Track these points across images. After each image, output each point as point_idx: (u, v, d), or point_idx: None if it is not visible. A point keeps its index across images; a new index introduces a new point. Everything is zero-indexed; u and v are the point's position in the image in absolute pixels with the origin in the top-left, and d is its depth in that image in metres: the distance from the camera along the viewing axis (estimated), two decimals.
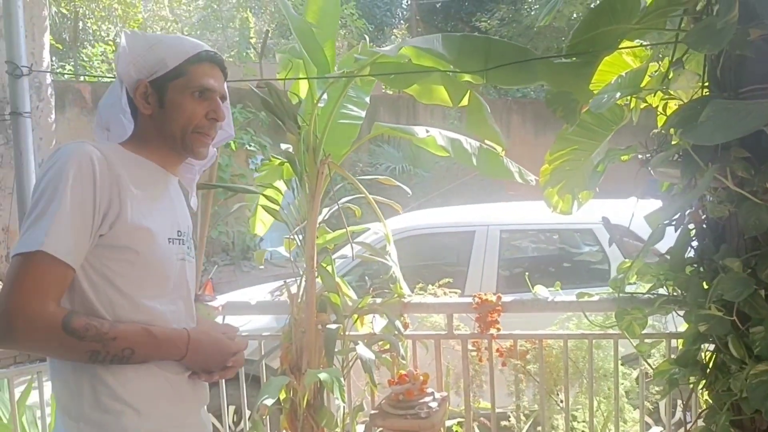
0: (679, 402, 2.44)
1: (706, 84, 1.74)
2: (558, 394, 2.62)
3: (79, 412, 1.12)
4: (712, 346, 1.78)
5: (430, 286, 2.67)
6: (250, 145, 8.00)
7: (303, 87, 2.40)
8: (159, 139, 1.25)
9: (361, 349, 2.07)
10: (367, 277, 3.59)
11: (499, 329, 2.26)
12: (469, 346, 2.40)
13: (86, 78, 9.59)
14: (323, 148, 2.21)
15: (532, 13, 12.84)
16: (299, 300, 2.21)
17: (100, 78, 9.96)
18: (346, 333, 2.24)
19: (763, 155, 1.50)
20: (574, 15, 11.30)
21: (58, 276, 1.07)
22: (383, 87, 9.33)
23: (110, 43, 12.14)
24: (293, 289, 2.25)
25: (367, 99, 2.52)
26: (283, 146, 2.34)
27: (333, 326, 2.12)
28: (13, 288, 1.05)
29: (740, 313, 1.55)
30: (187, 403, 1.24)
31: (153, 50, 1.23)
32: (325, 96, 2.18)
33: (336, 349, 2.09)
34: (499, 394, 2.37)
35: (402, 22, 16.98)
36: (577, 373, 2.59)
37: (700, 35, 1.49)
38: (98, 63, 11.37)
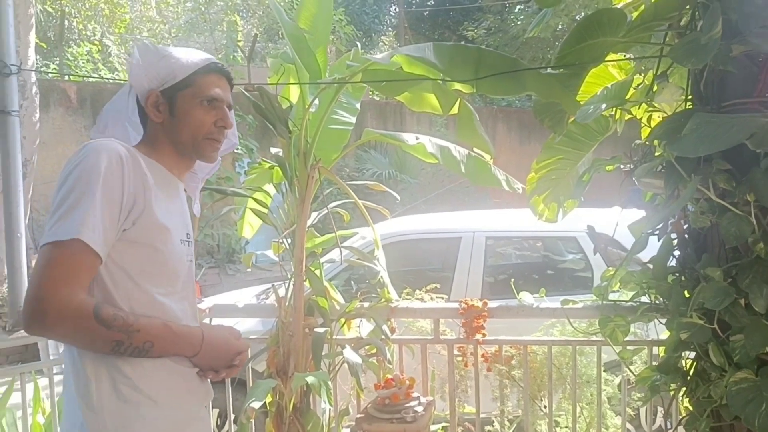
0: (660, 408, 2.49)
1: (690, 97, 1.79)
2: (542, 400, 2.65)
3: (99, 402, 1.14)
4: (693, 354, 1.81)
5: (417, 291, 2.69)
6: (237, 148, 7.96)
7: (294, 92, 2.41)
8: (170, 146, 1.30)
9: (348, 353, 2.08)
10: (352, 282, 3.61)
11: (484, 335, 2.28)
12: (455, 351, 2.42)
13: (71, 77, 9.49)
14: (314, 152, 2.22)
15: (518, 23, 13.00)
16: (287, 303, 2.21)
17: (86, 77, 9.86)
18: (333, 337, 2.25)
19: (744, 168, 1.55)
20: (560, 26, 11.45)
21: (89, 265, 1.10)
22: (371, 93, 9.37)
23: (96, 42, 12.02)
24: (281, 293, 2.26)
25: (358, 105, 2.54)
26: (273, 150, 2.35)
27: (320, 330, 2.13)
28: (46, 275, 1.06)
29: (721, 321, 1.59)
30: (197, 396, 1.28)
31: (164, 61, 1.28)
32: (316, 101, 2.19)
33: (323, 353, 2.10)
34: (484, 399, 2.39)
35: (390, 29, 17.05)
36: (560, 379, 2.62)
37: (684, 50, 1.53)
38: (84, 62, 11.25)
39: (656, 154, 1.85)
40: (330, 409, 2.19)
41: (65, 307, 1.06)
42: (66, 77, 9.53)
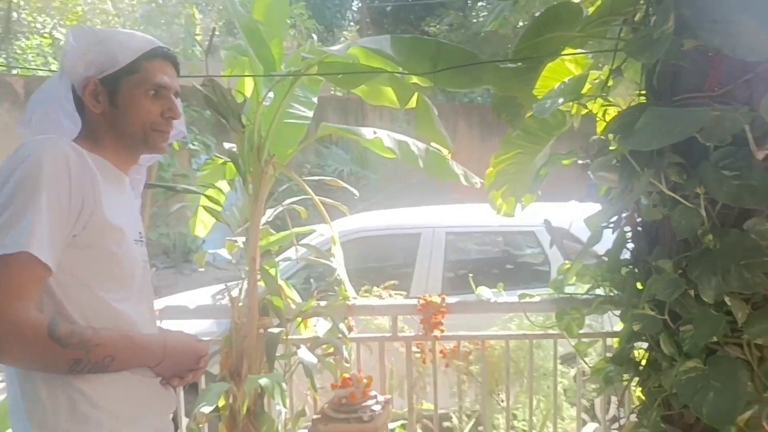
0: (614, 399, 2.53)
1: (644, 92, 1.80)
2: (499, 394, 2.66)
3: (57, 425, 1.05)
4: (645, 345, 1.84)
5: (375, 288, 2.66)
6: (193, 145, 7.77)
7: (249, 85, 2.34)
8: (112, 139, 1.20)
9: (303, 353, 2.04)
10: (312, 280, 3.55)
11: (443, 331, 2.26)
12: (414, 348, 2.40)
13: (19, 71, 9.12)
14: (268, 147, 2.16)
15: (480, 19, 13.11)
16: (240, 304, 2.15)
17: (35, 71, 9.49)
18: (289, 336, 2.19)
19: (694, 161, 1.57)
20: (520, 23, 11.58)
21: (39, 279, 1.01)
22: (332, 88, 9.28)
23: (46, 35, 11.57)
24: (234, 293, 2.19)
25: (315, 99, 2.48)
26: (227, 145, 2.28)
27: (275, 330, 2.08)
28: None
29: (671, 312, 1.61)
30: (161, 406, 1.21)
31: (103, 46, 1.17)
32: (270, 94, 2.13)
33: (278, 354, 2.05)
34: (442, 395, 2.38)
35: (352, 24, 16.98)
36: (518, 373, 2.64)
37: (638, 45, 1.54)
38: (33, 56, 10.82)
39: (611, 148, 1.86)
40: (285, 411, 2.14)
41: (17, 328, 0.96)
42: (14, 71, 9.14)
